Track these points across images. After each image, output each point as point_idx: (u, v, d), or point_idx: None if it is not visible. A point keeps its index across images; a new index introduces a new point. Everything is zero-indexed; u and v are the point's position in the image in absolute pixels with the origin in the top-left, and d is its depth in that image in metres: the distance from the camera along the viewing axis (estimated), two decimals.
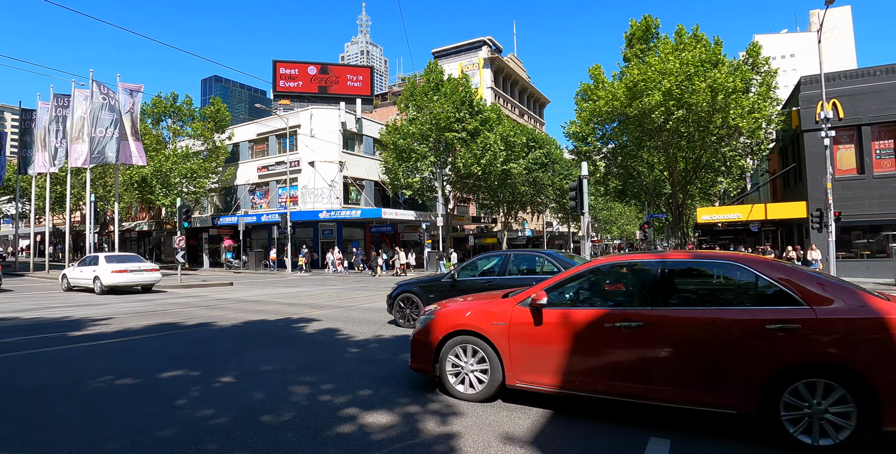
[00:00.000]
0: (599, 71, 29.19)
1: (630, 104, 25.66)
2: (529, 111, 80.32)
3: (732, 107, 24.12)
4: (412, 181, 34.41)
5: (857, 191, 23.06)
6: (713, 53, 25.05)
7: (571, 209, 14.99)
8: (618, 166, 32.30)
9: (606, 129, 30.22)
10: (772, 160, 34.16)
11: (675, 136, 26.88)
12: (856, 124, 23.18)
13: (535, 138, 45.62)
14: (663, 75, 24.28)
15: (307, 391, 5.35)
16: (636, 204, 42.51)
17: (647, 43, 28.56)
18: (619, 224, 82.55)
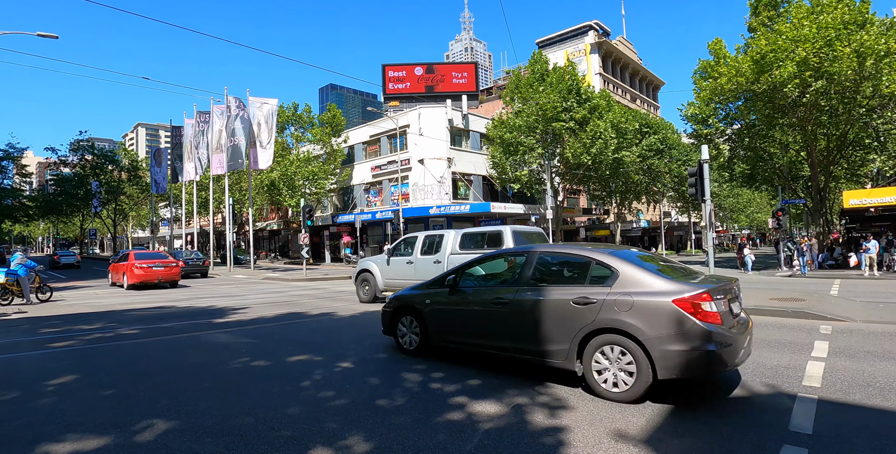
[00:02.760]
0: (720, 45, 26.74)
1: (758, 79, 23.23)
2: (642, 95, 75.97)
3: (886, 72, 20.92)
4: (520, 174, 34.12)
5: None
6: (859, 12, 21.85)
7: (691, 196, 13.99)
8: (745, 148, 29.45)
9: (730, 108, 27.65)
10: None
11: (814, 110, 23.92)
12: None
13: (648, 123, 43.06)
14: (797, 43, 21.67)
15: (419, 378, 5.57)
16: (767, 189, 38.48)
17: (777, 9, 25.61)
18: (747, 212, 75.23)
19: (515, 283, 5.64)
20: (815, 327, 8.29)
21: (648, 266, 5.08)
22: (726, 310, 4.73)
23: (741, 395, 4.89)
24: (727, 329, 4.57)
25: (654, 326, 4.50)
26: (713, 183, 48.95)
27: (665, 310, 4.51)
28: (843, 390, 4.96)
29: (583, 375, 4.90)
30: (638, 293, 4.70)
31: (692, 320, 4.42)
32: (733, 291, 5.10)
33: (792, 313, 9.39)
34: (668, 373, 4.44)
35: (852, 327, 8.30)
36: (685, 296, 4.50)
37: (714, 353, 4.39)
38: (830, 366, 5.82)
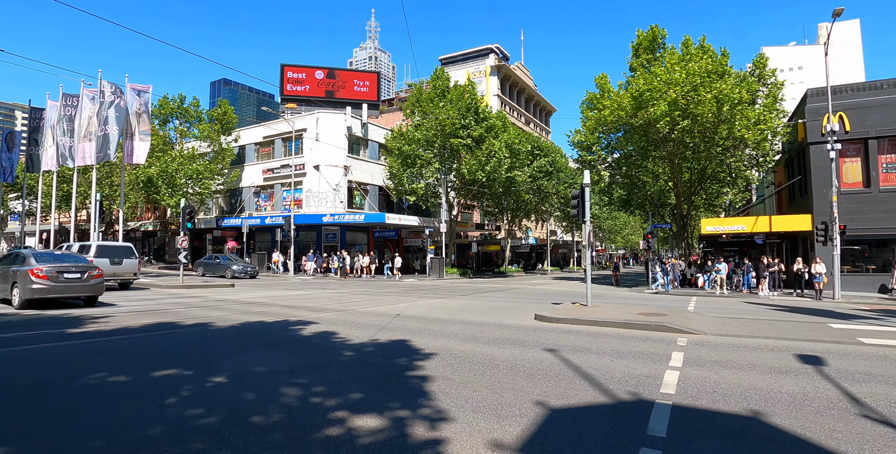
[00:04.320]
0: (605, 80, 29.20)
1: (635, 114, 25.65)
2: (535, 119, 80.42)
3: (738, 118, 24.06)
4: (416, 187, 34.46)
5: (862, 204, 22.91)
6: (720, 64, 25.02)
7: (574, 218, 14.96)
8: (622, 176, 32.24)
9: (612, 138, 30.19)
10: (777, 172, 34.04)
11: (681, 146, 26.82)
12: (862, 137, 23.08)
13: (540, 146, 45.64)
14: (669, 85, 24.27)
15: (298, 393, 5.33)
16: (641, 213, 42.41)
17: (654, 53, 28.57)
18: (623, 234, 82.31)
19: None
20: (674, 340, 9.16)
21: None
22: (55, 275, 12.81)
23: (608, 402, 5.24)
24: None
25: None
26: (594, 206, 52.89)
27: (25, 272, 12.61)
28: (693, 396, 5.51)
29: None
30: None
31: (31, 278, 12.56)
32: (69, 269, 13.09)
33: (655, 327, 10.33)
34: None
35: (704, 340, 9.29)
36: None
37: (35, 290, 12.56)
38: (684, 375, 6.44)
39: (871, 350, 8.60)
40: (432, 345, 8.28)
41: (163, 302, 15.21)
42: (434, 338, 9.09)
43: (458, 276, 35.91)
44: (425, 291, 21.43)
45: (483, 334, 9.62)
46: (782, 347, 8.60)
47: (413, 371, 6.47)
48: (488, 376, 6.26)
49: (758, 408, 5.10)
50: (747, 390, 5.78)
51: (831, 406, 5.23)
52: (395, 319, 11.63)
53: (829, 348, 8.61)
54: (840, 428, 4.55)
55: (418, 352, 7.69)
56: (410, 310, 13.85)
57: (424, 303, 15.86)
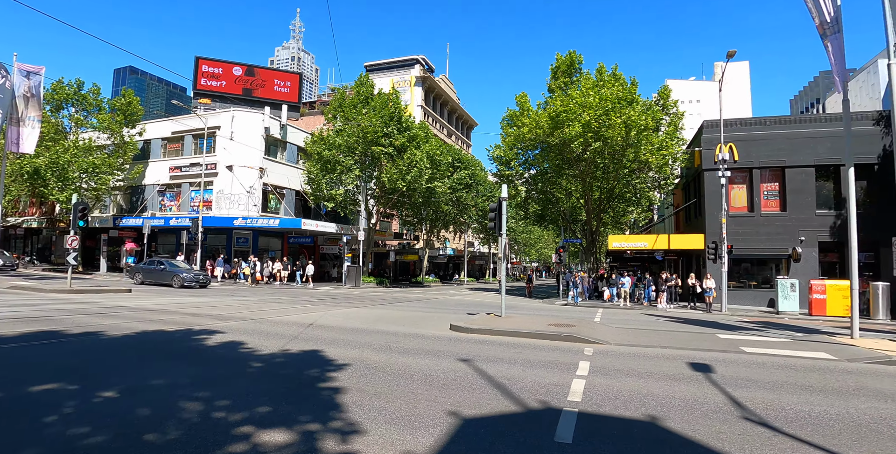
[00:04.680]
0: (525, 99, 30.37)
1: (552, 133, 26.85)
2: (457, 132, 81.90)
3: (644, 143, 25.87)
4: (335, 193, 33.82)
5: (747, 227, 25.38)
6: (629, 92, 26.85)
7: (491, 230, 15.34)
8: (538, 191, 33.53)
9: (529, 154, 31.35)
10: (676, 195, 36.90)
11: (592, 166, 28.37)
12: (748, 167, 25.63)
13: (461, 159, 46.48)
14: (584, 109, 25.67)
15: (200, 408, 5.00)
16: (554, 228, 44.23)
17: (571, 77, 30.14)
18: (537, 247, 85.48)
19: None
20: (581, 349, 9.60)
21: None
22: None
23: (519, 411, 5.38)
24: None
25: None
26: (510, 219, 54.53)
27: None
28: (597, 403, 5.79)
29: None
30: None
31: None
32: None
33: (564, 337, 10.77)
34: None
35: (608, 349, 9.81)
36: None
37: None
38: (590, 383, 6.76)
39: (752, 358, 9.49)
40: (346, 356, 8.11)
41: (46, 308, 13.74)
42: (348, 348, 8.92)
43: (375, 285, 35.54)
44: (341, 300, 21.00)
45: (398, 344, 9.56)
46: (677, 356, 9.27)
47: (325, 382, 6.30)
48: (403, 387, 6.22)
49: (655, 413, 5.45)
50: (646, 396, 6.17)
51: (718, 410, 5.71)
52: (307, 329, 11.28)
53: (716, 356, 9.39)
54: (725, 429, 4.96)
55: (331, 363, 7.50)
56: (324, 319, 13.50)
57: (339, 313, 15.53)
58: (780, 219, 25.25)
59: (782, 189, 25.45)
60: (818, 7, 11.96)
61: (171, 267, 25.96)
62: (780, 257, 25.18)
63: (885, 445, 4.71)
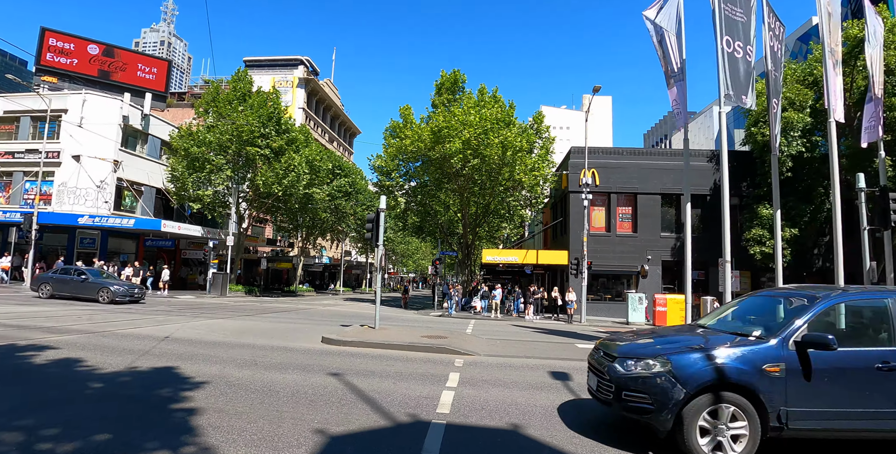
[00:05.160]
0: (409, 111, 30.79)
1: (433, 147, 27.47)
2: (340, 138, 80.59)
3: (518, 163, 27.45)
4: (203, 194, 31.39)
5: (605, 245, 27.88)
6: (507, 114, 28.41)
7: (368, 240, 15.20)
8: (418, 203, 34.00)
9: (410, 166, 31.73)
10: (545, 213, 39.53)
11: (470, 182, 29.45)
12: (607, 192, 28.28)
13: (341, 166, 45.73)
14: (465, 126, 26.64)
15: (20, 438, 4.29)
16: (431, 240, 45.07)
17: (454, 94, 31.19)
18: (415, 258, 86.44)
19: None
20: (452, 361, 9.80)
21: None
22: None
23: (388, 426, 5.33)
24: None
25: None
26: (389, 230, 54.61)
27: None
28: (465, 414, 5.93)
29: None
30: None
31: None
32: None
33: (437, 349, 10.93)
34: None
35: (478, 360, 10.12)
36: None
37: None
38: (458, 394, 6.91)
39: None
40: (205, 373, 7.48)
41: None
42: (208, 364, 8.24)
43: (244, 294, 33.42)
44: (203, 310, 19.40)
45: (265, 359, 9.04)
46: (539, 365, 9.83)
47: (179, 403, 5.74)
48: (267, 405, 5.87)
49: (517, 422, 5.71)
50: (510, 406, 6.45)
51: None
52: (161, 343, 10.24)
53: (574, 365, 10.10)
54: (578, 436, 5.33)
55: (187, 381, 6.87)
56: (183, 331, 12.35)
57: (200, 324, 14.33)
58: (632, 239, 28.14)
59: (634, 213, 28.43)
60: (668, 58, 13.65)
61: (94, 276, 21.03)
62: (631, 273, 28.00)
63: None
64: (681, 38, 13.85)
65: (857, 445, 5.38)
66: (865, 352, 4.88)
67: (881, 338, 5.03)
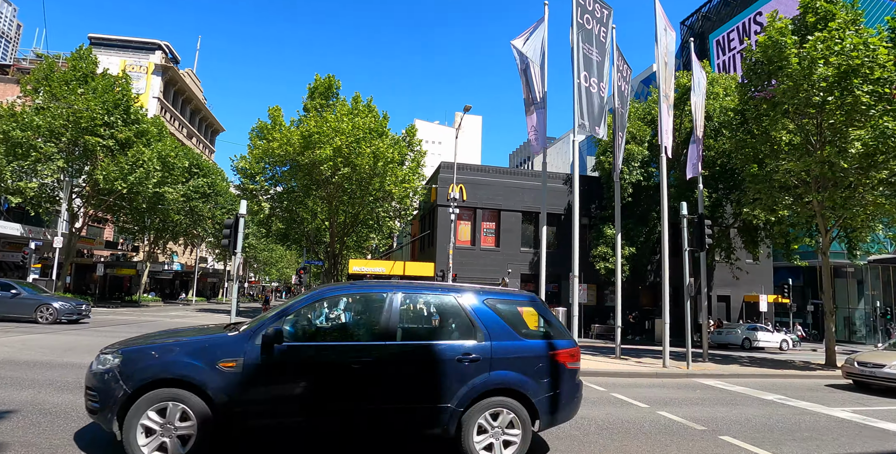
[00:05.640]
0: (279, 113, 29.54)
1: (303, 152, 26.61)
2: (200, 135, 74.61)
3: (389, 174, 27.61)
4: (26, 186, 26.98)
5: (469, 258, 28.99)
6: (381, 125, 28.51)
7: (224, 247, 14.19)
8: (284, 210, 32.58)
9: (277, 170, 30.40)
10: (414, 225, 40.13)
11: (340, 190, 28.96)
12: (473, 207, 29.53)
13: (200, 165, 42.28)
14: (337, 133, 26.20)
15: None
16: (297, 248, 43.33)
17: (328, 100, 30.59)
18: (279, 267, 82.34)
19: None
20: None
21: None
22: None
23: None
24: None
25: None
26: (252, 236, 51.59)
27: None
28: None
29: None
30: None
31: None
32: None
33: None
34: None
35: None
36: None
37: None
38: None
39: None
40: (12, 400, 6.37)
41: None
42: (17, 388, 7.03)
43: None
44: (19, 324, 16.55)
45: None
46: None
47: None
48: None
49: None
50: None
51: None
52: None
53: None
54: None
55: None
56: None
57: (13, 341, 12.21)
58: (494, 253, 29.63)
59: (498, 228, 30.02)
60: (531, 86, 14.70)
61: (29, 293, 17.42)
62: (493, 285, 29.40)
63: (550, 443, 5.76)
64: (544, 68, 15.01)
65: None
66: (345, 347, 4.83)
67: (376, 332, 4.84)
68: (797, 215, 18.64)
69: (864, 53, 14.59)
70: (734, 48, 52.43)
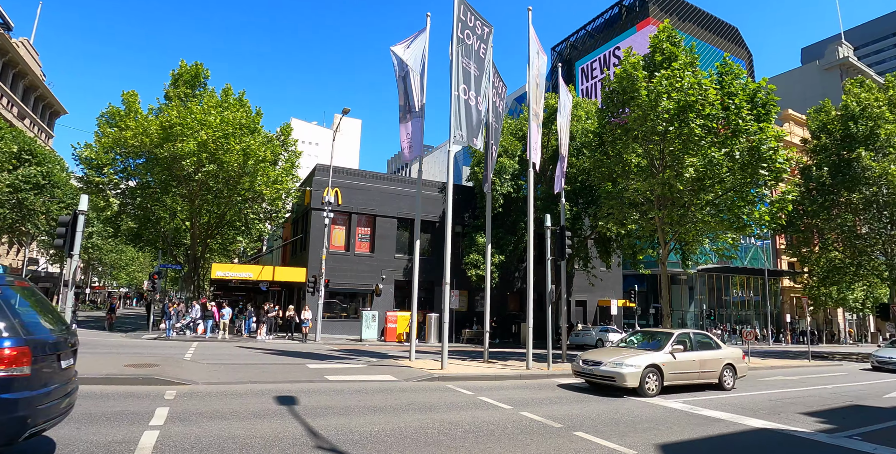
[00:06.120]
0: (135, 98, 26.64)
1: (162, 145, 24.29)
2: (36, 116, 64.84)
3: (260, 174, 26.14)
4: None
5: (343, 264, 28.41)
6: (253, 121, 26.94)
7: (58, 248, 12.40)
8: (137, 207, 29.31)
9: (130, 163, 27.37)
10: (286, 228, 38.43)
11: (204, 188, 26.85)
12: (348, 211, 29.05)
13: (33, 151, 36.65)
14: (203, 126, 24.28)
15: None
16: (152, 250, 39.24)
17: (194, 89, 28.28)
18: (129, 270, 73.89)
19: None
20: (162, 393, 8.56)
21: None
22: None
23: None
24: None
25: None
26: (97, 236, 45.84)
27: None
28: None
29: None
30: None
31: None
32: None
33: (143, 380, 9.42)
34: None
35: (195, 390, 9.06)
36: None
37: None
38: (165, 434, 6.02)
39: (333, 385, 10.41)
40: None
41: None
42: None
43: None
44: None
45: None
46: (266, 391, 9.32)
47: None
48: None
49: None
50: (226, 440, 5.91)
51: (295, 442, 5.94)
52: None
53: (303, 387, 9.89)
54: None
55: None
56: None
57: None
58: (369, 259, 29.37)
59: (373, 234, 29.82)
60: (409, 95, 14.87)
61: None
62: (367, 292, 29.10)
63: (420, 450, 5.82)
64: (423, 78, 15.27)
65: None
66: None
67: None
68: (642, 229, 20.94)
69: (698, 92, 16.89)
70: (596, 76, 57.80)
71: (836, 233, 29.32)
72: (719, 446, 7.13)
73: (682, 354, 11.83)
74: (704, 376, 12.26)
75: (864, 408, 10.99)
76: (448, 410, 8.48)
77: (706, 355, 12.42)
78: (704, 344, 12.86)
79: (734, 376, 12.92)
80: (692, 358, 12.03)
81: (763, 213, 17.92)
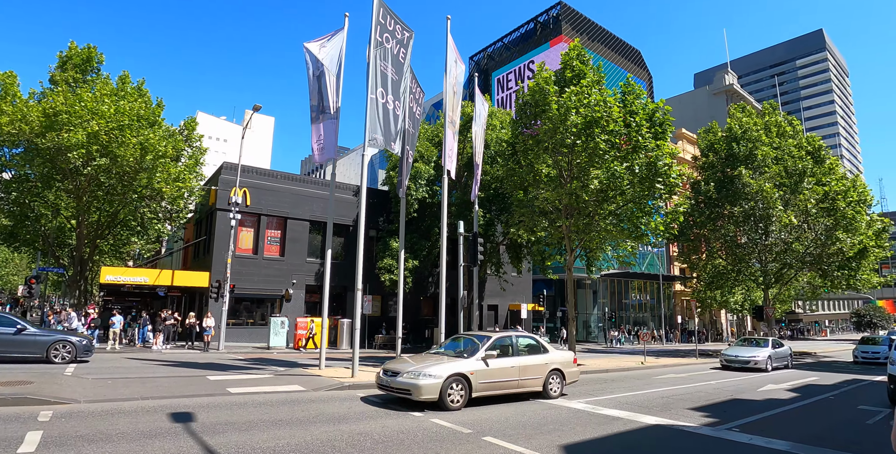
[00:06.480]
0: (14, 80, 23.81)
1: (44, 134, 21.89)
2: None
3: (160, 170, 24.27)
4: None
5: (250, 268, 27.09)
6: (153, 113, 24.98)
7: None
8: (12, 202, 26.16)
9: (5, 153, 24.47)
10: (188, 229, 36.03)
11: (94, 184, 24.53)
12: (257, 213, 27.79)
13: None
14: (94, 116, 22.19)
15: None
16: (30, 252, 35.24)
17: (85, 74, 25.79)
18: (2, 273, 65.85)
19: None
20: (35, 414, 7.67)
21: None
22: None
23: None
24: None
25: None
26: None
27: None
28: None
29: None
30: None
31: None
32: None
33: (12, 400, 8.38)
34: None
35: (74, 410, 8.21)
36: None
37: None
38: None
39: (235, 399, 9.86)
40: None
41: None
42: None
43: None
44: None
45: None
46: (159, 407, 8.64)
47: None
48: None
49: None
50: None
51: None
52: None
53: (201, 402, 9.27)
54: None
55: None
56: None
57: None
58: (279, 262, 28.23)
59: (283, 237, 28.71)
60: (323, 95, 14.54)
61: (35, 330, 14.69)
62: (276, 297, 27.95)
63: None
64: (339, 79, 14.99)
65: None
66: None
67: None
68: (551, 236, 21.88)
69: (603, 109, 17.95)
70: (511, 88, 59.73)
71: (720, 242, 32.37)
72: (618, 444, 7.56)
73: (498, 360, 10.59)
74: (525, 384, 11.02)
75: (742, 402, 12.17)
76: (358, 421, 8.32)
77: (528, 361, 11.19)
78: (532, 348, 11.76)
79: (562, 383, 11.78)
80: (510, 364, 10.77)
81: (658, 224, 19.35)
